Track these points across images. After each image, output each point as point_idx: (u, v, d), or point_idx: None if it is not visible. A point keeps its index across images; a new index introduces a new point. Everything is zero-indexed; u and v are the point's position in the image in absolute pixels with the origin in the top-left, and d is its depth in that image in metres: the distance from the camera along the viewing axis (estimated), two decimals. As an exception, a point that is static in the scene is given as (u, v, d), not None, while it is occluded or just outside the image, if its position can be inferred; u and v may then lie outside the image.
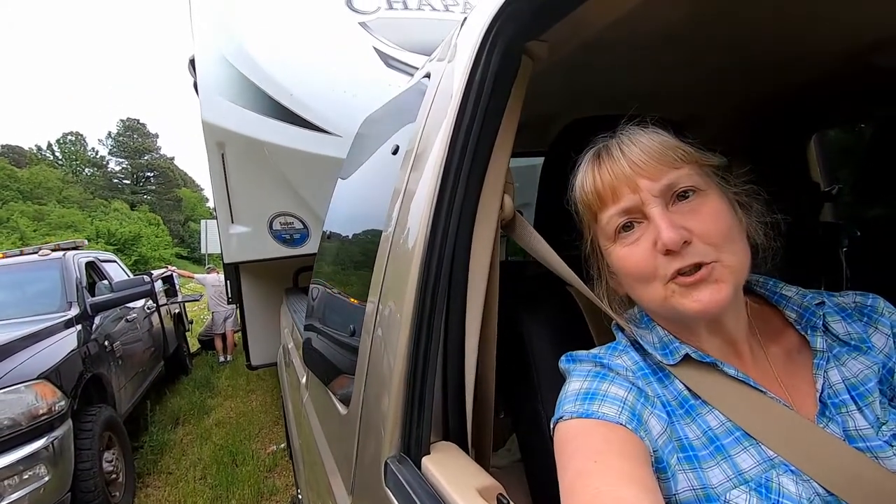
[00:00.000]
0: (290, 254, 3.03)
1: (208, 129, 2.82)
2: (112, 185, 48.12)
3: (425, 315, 0.67)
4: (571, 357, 0.64)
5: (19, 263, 4.07)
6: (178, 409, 4.84)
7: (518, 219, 0.73)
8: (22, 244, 16.94)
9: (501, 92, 0.68)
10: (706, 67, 0.99)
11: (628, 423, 0.53)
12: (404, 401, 0.68)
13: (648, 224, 0.57)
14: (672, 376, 0.60)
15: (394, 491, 0.64)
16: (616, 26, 0.74)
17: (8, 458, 2.25)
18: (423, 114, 0.84)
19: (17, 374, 2.46)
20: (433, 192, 0.70)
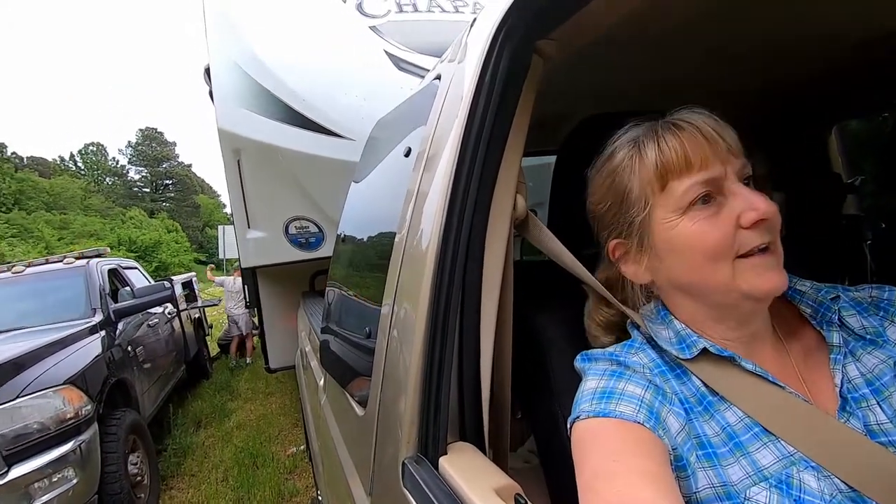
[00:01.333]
0: (305, 257, 3.06)
1: (224, 137, 2.87)
2: (132, 194, 49.22)
3: (440, 316, 0.68)
4: (587, 356, 0.64)
5: (45, 272, 4.18)
6: (200, 412, 4.92)
7: (531, 218, 0.73)
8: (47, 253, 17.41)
9: (512, 91, 0.68)
10: (720, 60, 0.98)
11: (646, 421, 0.52)
12: (420, 401, 0.68)
13: (724, 200, 0.56)
14: (689, 373, 0.59)
15: (412, 491, 0.64)
16: (626, 22, 0.74)
17: (38, 461, 2.31)
18: (435, 115, 0.85)
19: (45, 379, 2.53)
20: (446, 193, 0.70)
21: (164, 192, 51.86)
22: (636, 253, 0.63)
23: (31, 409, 2.38)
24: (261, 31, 3.03)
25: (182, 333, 5.50)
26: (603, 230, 0.67)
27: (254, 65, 2.89)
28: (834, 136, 1.59)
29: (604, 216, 0.66)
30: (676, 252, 0.58)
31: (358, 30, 3.12)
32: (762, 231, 0.54)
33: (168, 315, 5.13)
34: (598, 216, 0.67)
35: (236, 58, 2.93)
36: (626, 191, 0.61)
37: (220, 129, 2.87)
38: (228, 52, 2.96)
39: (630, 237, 0.63)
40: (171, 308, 5.28)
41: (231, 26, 3.04)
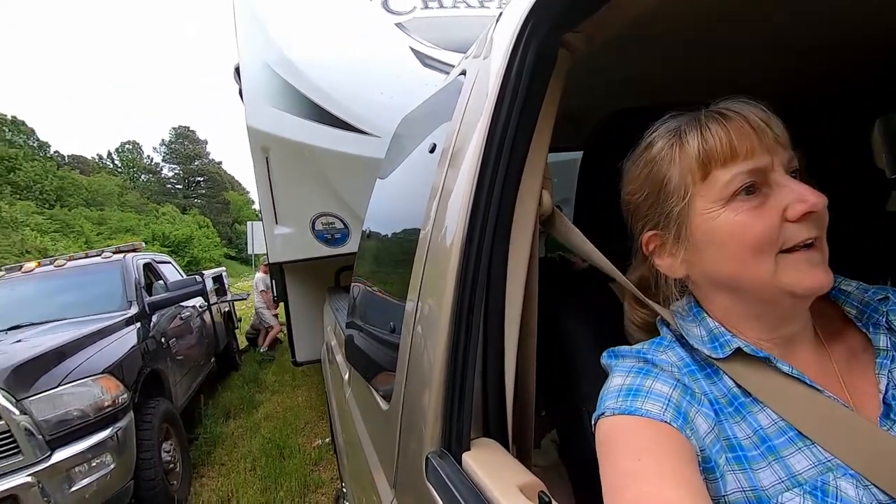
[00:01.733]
0: (331, 253, 3.11)
1: (253, 134, 2.93)
2: (165, 190, 50.78)
3: (464, 312, 0.68)
4: (614, 353, 0.63)
5: (85, 266, 4.36)
6: (229, 403, 5.06)
7: (557, 214, 0.72)
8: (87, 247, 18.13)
9: (538, 86, 0.67)
10: (755, 53, 0.95)
11: (673, 420, 0.51)
12: (444, 397, 0.68)
13: (770, 191, 0.54)
14: (721, 372, 0.57)
15: (435, 486, 0.65)
16: (657, 14, 0.72)
17: (78, 446, 2.42)
18: (460, 111, 0.84)
19: (85, 368, 2.65)
20: (470, 189, 0.70)
21: (196, 188, 53.34)
22: (672, 245, 0.61)
23: (72, 396, 2.49)
24: (289, 31, 3.07)
25: (212, 326, 5.66)
26: (637, 222, 0.65)
27: (282, 63, 2.93)
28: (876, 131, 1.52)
29: (639, 207, 0.64)
30: (716, 244, 0.56)
31: (384, 27, 3.13)
32: (809, 225, 0.52)
33: (199, 308, 5.29)
34: (633, 207, 0.65)
35: (265, 57, 2.98)
36: (664, 180, 0.59)
37: (249, 126, 2.93)
38: (258, 52, 3.02)
39: (666, 229, 0.61)
40: (202, 301, 5.44)
41: (260, 26, 3.09)
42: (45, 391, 2.41)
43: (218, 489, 3.32)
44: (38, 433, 2.31)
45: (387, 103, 2.76)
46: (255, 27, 3.10)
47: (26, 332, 3.27)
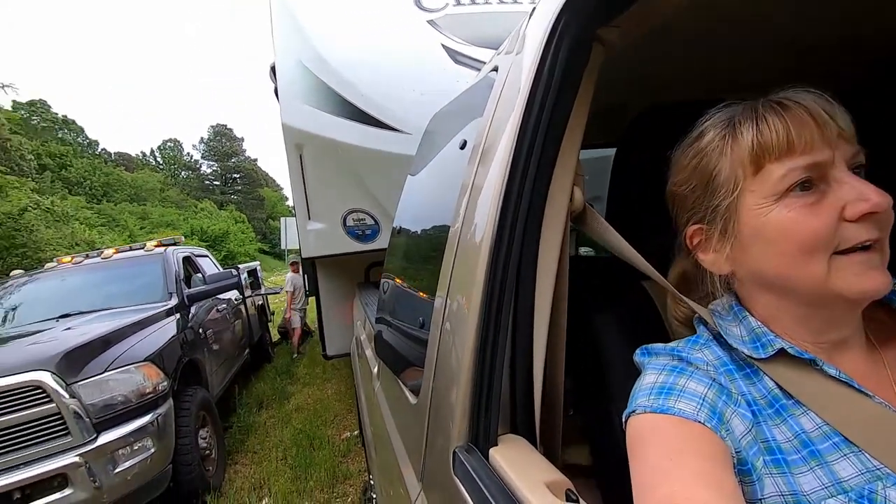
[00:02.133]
0: (362, 249, 3.15)
1: (287, 132, 3.00)
2: (204, 186, 52.55)
3: (493, 309, 0.68)
4: (647, 350, 0.61)
5: (129, 258, 4.56)
6: (262, 393, 5.21)
7: (589, 211, 0.71)
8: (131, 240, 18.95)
9: (571, 81, 0.67)
10: (798, 45, 0.91)
11: (707, 420, 0.50)
12: (472, 393, 0.68)
13: (828, 188, 0.51)
14: (761, 373, 0.55)
15: (462, 480, 0.65)
16: (695, 6, 0.70)
17: (122, 430, 2.55)
18: (491, 107, 0.84)
19: (128, 356, 2.78)
20: (501, 185, 0.70)
21: (233, 185, 55.00)
22: (718, 240, 0.58)
23: (117, 382, 2.62)
24: (323, 30, 3.13)
25: (247, 319, 5.83)
26: (682, 214, 0.63)
27: (316, 62, 2.99)
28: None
29: (685, 199, 0.61)
30: (766, 241, 0.53)
31: (416, 25, 3.15)
32: (870, 226, 0.49)
33: (234, 301, 5.45)
34: (679, 199, 0.62)
35: (300, 55, 3.04)
36: (713, 172, 0.57)
37: (284, 124, 3.00)
38: (293, 51, 3.08)
39: (713, 223, 0.58)
40: (238, 294, 5.61)
41: (295, 26, 3.16)
42: (92, 376, 2.54)
43: (251, 476, 3.42)
44: (85, 416, 2.44)
45: (418, 100, 2.78)
46: (290, 27, 3.17)
47: (75, 320, 3.44)
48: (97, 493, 2.39)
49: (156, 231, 27.90)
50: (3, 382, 2.33)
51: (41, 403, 2.36)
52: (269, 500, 3.03)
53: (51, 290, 4.14)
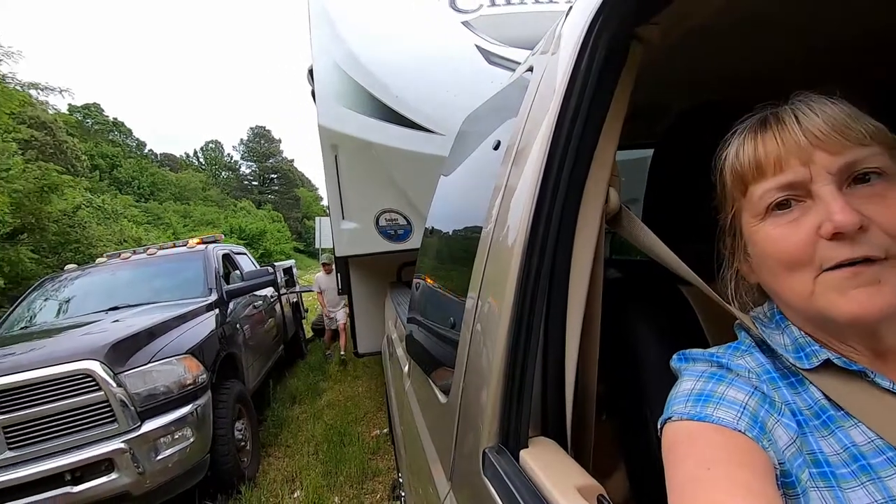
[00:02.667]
0: (394, 248, 3.19)
1: (324, 133, 3.06)
2: (243, 186, 54.22)
3: (525, 311, 0.67)
4: (684, 355, 0.59)
5: (172, 255, 4.76)
6: (295, 389, 5.33)
7: (625, 212, 0.70)
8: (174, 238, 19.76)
9: (608, 81, 0.66)
10: (848, 43, 0.86)
11: (748, 430, 0.48)
12: (503, 394, 0.68)
13: (812, 204, 0.50)
14: (806, 382, 0.53)
15: (492, 481, 0.65)
16: (738, 2, 0.68)
17: (164, 419, 2.66)
18: (526, 108, 0.84)
19: (171, 349, 2.90)
20: (534, 187, 0.69)
21: (270, 185, 56.52)
22: (739, 253, 0.60)
23: (160, 373, 2.74)
24: (359, 32, 3.18)
25: (282, 315, 5.98)
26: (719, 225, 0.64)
27: (352, 65, 3.04)
28: None
29: (717, 212, 0.63)
30: (758, 257, 0.55)
31: (450, 26, 3.16)
32: (852, 244, 0.47)
33: (270, 298, 5.60)
34: (716, 211, 0.64)
35: (337, 59, 3.10)
36: (722, 190, 0.60)
37: (321, 125, 3.06)
38: (330, 54, 3.15)
39: (733, 236, 0.60)
40: (273, 291, 5.76)
41: (332, 30, 3.22)
42: (137, 367, 2.66)
43: (283, 469, 3.51)
44: (130, 405, 2.56)
45: (451, 101, 2.79)
46: (327, 30, 3.24)
47: (123, 312, 3.62)
48: (140, 478, 2.50)
49: (197, 229, 28.98)
50: (58, 370, 2.47)
51: (91, 391, 2.50)
52: (300, 494, 3.10)
53: (101, 284, 4.36)
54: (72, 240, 8.69)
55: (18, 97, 7.56)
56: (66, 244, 8.56)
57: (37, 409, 2.42)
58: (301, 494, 3.09)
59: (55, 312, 4.03)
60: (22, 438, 2.40)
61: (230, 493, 3.07)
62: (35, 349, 2.76)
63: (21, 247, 7.19)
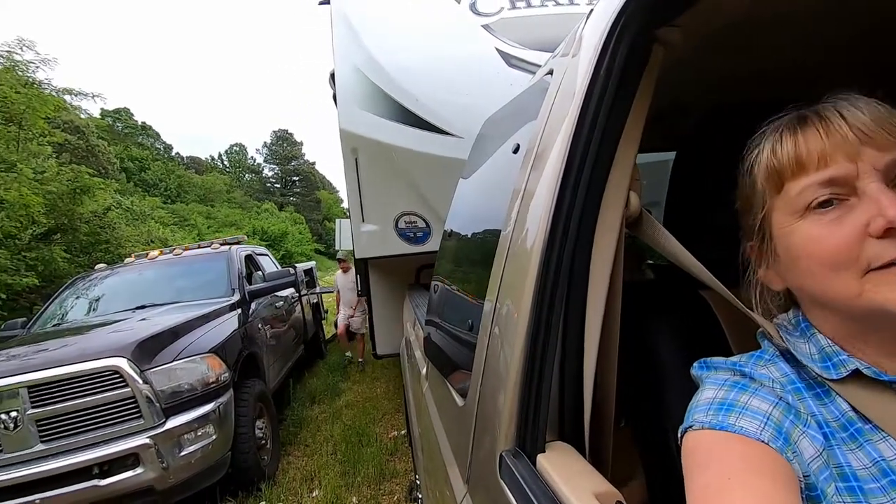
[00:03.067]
0: (413, 251, 3.20)
1: (345, 136, 3.10)
2: (265, 189, 55.20)
3: (543, 315, 0.67)
4: (706, 364, 0.58)
5: (197, 255, 4.87)
6: (315, 389, 5.39)
7: (645, 216, 0.69)
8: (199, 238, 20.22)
9: (629, 84, 0.65)
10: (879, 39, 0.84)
11: (772, 441, 0.46)
12: (520, 398, 0.68)
13: (857, 202, 0.48)
14: (833, 393, 0.51)
15: (509, 484, 0.65)
16: (761, 2, 0.66)
17: (188, 415, 2.72)
18: (545, 111, 0.84)
19: (195, 347, 2.96)
20: (553, 190, 0.69)
21: (292, 187, 57.42)
22: (766, 257, 0.58)
23: (184, 371, 2.80)
24: (380, 37, 3.21)
25: (302, 316, 6.05)
26: (742, 229, 0.62)
27: (373, 69, 3.07)
28: None
29: (740, 215, 0.61)
30: (794, 258, 0.52)
31: (471, 29, 3.17)
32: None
33: (291, 299, 5.68)
34: (739, 213, 0.62)
35: (357, 62, 3.14)
36: (751, 190, 0.57)
37: (342, 129, 3.10)
38: (351, 58, 3.19)
39: (758, 240, 0.58)
40: (294, 292, 5.84)
41: (353, 34, 3.26)
42: (162, 365, 2.73)
43: (302, 468, 3.55)
44: (156, 401, 2.62)
45: (471, 104, 2.79)
46: (349, 35, 3.28)
47: (149, 311, 3.72)
48: (164, 473, 2.56)
49: (221, 230, 29.58)
50: (87, 366, 2.55)
51: (118, 387, 2.57)
52: (319, 493, 3.13)
53: (129, 283, 4.49)
54: (102, 240, 8.96)
55: (53, 102, 7.84)
56: (96, 244, 8.83)
57: (67, 403, 2.50)
58: (319, 494, 3.11)
59: (85, 310, 4.16)
60: (53, 432, 2.49)
61: (250, 490, 3.12)
62: (66, 346, 2.85)
63: (55, 246, 7.45)
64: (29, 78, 7.38)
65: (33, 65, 7.36)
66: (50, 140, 8.81)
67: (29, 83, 7.31)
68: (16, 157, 6.82)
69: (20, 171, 6.56)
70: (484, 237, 1.14)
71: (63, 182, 7.67)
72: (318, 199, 57.01)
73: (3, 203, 6.11)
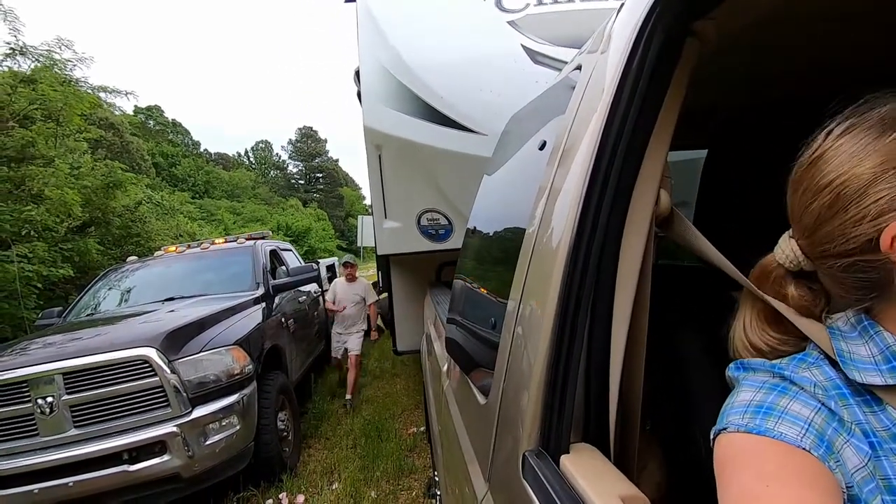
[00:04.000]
0: (434, 248, 3.21)
1: (369, 134, 3.12)
2: (290, 185, 56.01)
3: (568, 316, 0.66)
4: (743, 364, 0.56)
5: (224, 249, 4.97)
6: (335, 383, 5.45)
7: (676, 215, 0.67)
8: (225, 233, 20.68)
9: (661, 79, 0.63)
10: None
11: (813, 448, 0.44)
12: (544, 398, 0.67)
13: None
14: (883, 402, 0.48)
15: (532, 485, 0.64)
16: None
17: (213, 406, 2.78)
18: (573, 107, 0.82)
19: (220, 339, 3.03)
20: (581, 188, 0.68)
21: (315, 184, 58.13)
22: None
23: (210, 362, 2.87)
24: (405, 34, 3.22)
25: (324, 311, 6.12)
26: (869, 207, 0.47)
27: (398, 66, 3.08)
28: None
29: (879, 186, 0.47)
30: None
31: (496, 26, 3.14)
32: None
33: (314, 294, 5.75)
34: (870, 186, 0.47)
35: (382, 60, 3.15)
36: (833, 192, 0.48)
37: (366, 126, 3.12)
38: (376, 56, 3.20)
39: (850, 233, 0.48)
40: (317, 287, 5.91)
41: (379, 32, 3.27)
42: (190, 355, 2.80)
43: (323, 461, 3.60)
44: (183, 391, 2.69)
45: (495, 101, 2.77)
46: (374, 32, 3.29)
47: (178, 303, 3.81)
48: (190, 461, 2.63)
49: (247, 225, 30.17)
50: (118, 355, 2.63)
51: (147, 376, 2.64)
52: (339, 486, 3.16)
53: (159, 275, 4.61)
54: (133, 233, 9.22)
55: (88, 99, 8.09)
56: (128, 237, 9.08)
57: (99, 391, 2.59)
58: (339, 487, 3.15)
59: (117, 301, 4.29)
60: (86, 418, 2.58)
61: (272, 481, 3.18)
62: (99, 335, 2.95)
63: (89, 239, 7.70)
64: (66, 76, 7.63)
65: (71, 63, 7.60)
66: (86, 136, 9.10)
67: (66, 81, 7.55)
68: (54, 153, 7.07)
69: (57, 166, 6.79)
70: (508, 235, 1.13)
71: (97, 177, 7.91)
72: (341, 196, 57.57)
73: (42, 198, 6.34)
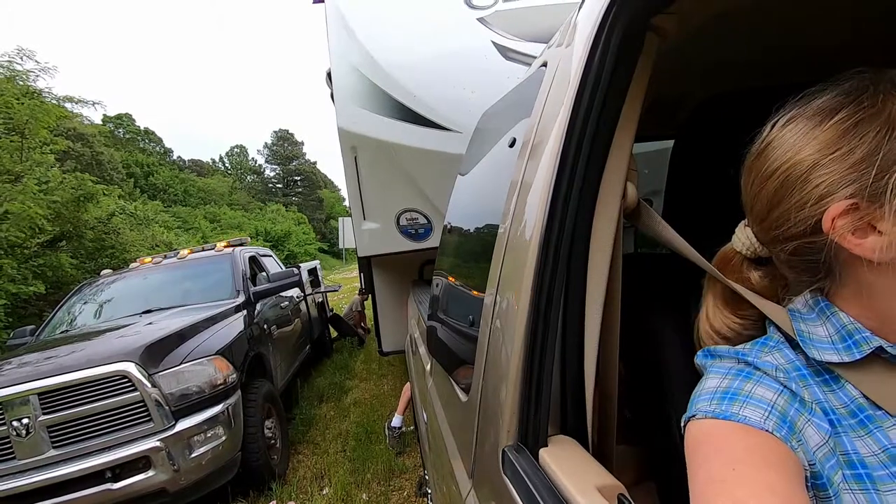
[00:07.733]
0: (415, 247, 3.20)
1: (343, 135, 3.09)
2: (268, 189, 55.25)
3: (542, 307, 0.67)
4: (709, 352, 0.57)
5: (202, 258, 4.89)
6: (322, 388, 5.41)
7: (643, 206, 0.69)
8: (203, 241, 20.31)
9: (624, 73, 0.64)
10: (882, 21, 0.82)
11: (776, 430, 0.46)
12: (521, 392, 0.68)
13: None
14: (841, 380, 0.50)
15: (511, 479, 0.65)
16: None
17: (197, 418, 2.74)
18: (540, 103, 0.83)
19: (202, 350, 2.98)
20: (549, 182, 0.68)
21: (294, 187, 57.44)
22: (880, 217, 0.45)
23: (191, 374, 2.82)
24: (375, 34, 3.20)
25: (308, 315, 6.07)
26: (811, 192, 0.48)
27: (369, 66, 3.06)
28: None
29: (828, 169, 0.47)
30: None
31: (466, 24, 3.15)
32: None
33: (296, 298, 5.69)
34: (815, 171, 0.48)
35: (353, 60, 3.13)
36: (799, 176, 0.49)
37: (340, 128, 3.09)
38: (347, 56, 3.17)
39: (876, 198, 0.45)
40: (299, 292, 5.85)
41: (348, 32, 3.25)
42: (170, 368, 2.75)
43: (312, 466, 3.57)
44: (165, 404, 2.64)
45: (468, 99, 2.78)
46: (343, 32, 3.26)
47: (156, 315, 3.73)
48: (175, 475, 2.58)
49: (225, 232, 29.63)
50: (96, 372, 2.57)
51: (127, 391, 2.59)
52: (329, 490, 3.14)
53: (135, 288, 4.51)
54: (107, 245, 9.00)
55: (56, 112, 7.85)
56: (102, 250, 8.87)
57: (78, 409, 2.53)
58: (330, 491, 3.13)
59: (92, 316, 4.18)
60: (65, 437, 2.51)
61: (261, 489, 3.14)
62: (75, 352, 2.87)
63: (61, 253, 7.50)
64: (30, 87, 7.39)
65: (33, 74, 7.38)
66: (53, 148, 8.84)
67: (30, 93, 7.32)
68: (20, 168, 6.84)
69: (25, 184, 6.58)
70: (483, 231, 1.13)
71: (67, 190, 7.69)
72: (321, 199, 57.03)
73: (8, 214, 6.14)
